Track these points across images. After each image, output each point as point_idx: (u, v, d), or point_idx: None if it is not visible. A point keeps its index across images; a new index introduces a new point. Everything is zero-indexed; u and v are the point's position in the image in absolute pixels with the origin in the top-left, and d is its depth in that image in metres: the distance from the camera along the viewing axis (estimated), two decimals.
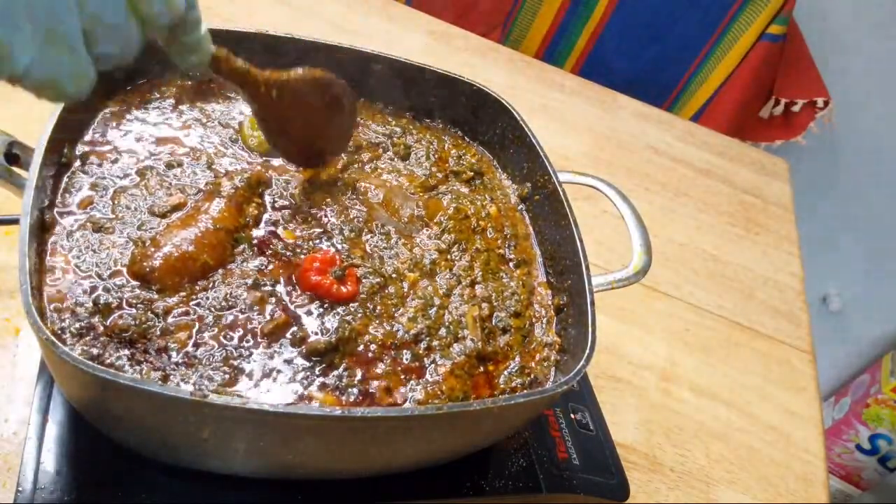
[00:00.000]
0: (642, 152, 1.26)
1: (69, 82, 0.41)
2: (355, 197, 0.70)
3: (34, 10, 0.37)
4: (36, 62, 0.39)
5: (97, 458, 0.56)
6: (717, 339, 0.98)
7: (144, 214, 0.60)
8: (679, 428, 0.85)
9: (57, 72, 0.40)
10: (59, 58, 0.40)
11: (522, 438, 0.68)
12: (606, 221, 1.06)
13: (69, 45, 0.40)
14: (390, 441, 0.51)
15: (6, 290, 0.70)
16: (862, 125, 1.71)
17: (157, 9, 0.45)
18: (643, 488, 0.77)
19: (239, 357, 0.54)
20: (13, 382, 0.64)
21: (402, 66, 0.78)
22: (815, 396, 0.96)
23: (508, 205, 0.77)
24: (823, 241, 1.80)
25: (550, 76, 1.34)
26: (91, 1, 0.40)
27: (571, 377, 0.54)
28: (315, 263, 0.60)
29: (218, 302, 0.56)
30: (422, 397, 0.57)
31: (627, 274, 0.69)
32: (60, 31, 0.39)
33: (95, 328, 0.52)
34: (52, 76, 0.40)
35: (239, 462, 0.52)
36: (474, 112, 0.80)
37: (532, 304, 0.69)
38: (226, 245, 0.60)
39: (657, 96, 1.55)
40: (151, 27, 0.45)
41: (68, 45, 0.40)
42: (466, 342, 0.62)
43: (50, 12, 0.38)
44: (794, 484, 0.84)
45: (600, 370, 0.87)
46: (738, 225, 1.19)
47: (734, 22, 1.46)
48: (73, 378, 0.46)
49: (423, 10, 1.36)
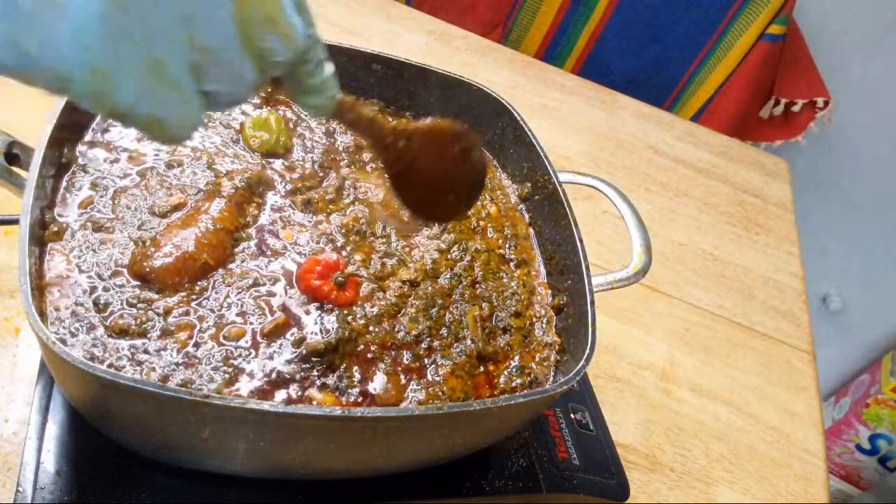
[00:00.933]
0: (642, 152, 1.26)
1: (173, 122, 0.38)
2: (356, 197, 0.70)
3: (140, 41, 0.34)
4: (139, 97, 0.36)
5: (97, 458, 0.56)
6: (717, 339, 0.98)
7: (145, 214, 0.60)
8: (679, 428, 0.85)
9: (161, 110, 0.37)
10: (164, 94, 0.37)
11: (522, 438, 0.68)
12: (606, 221, 1.06)
13: (174, 80, 0.37)
14: (390, 441, 0.51)
15: (6, 290, 0.70)
16: (862, 125, 1.71)
17: (272, 44, 0.40)
18: (643, 488, 0.77)
19: (239, 357, 0.54)
20: (13, 382, 0.64)
21: (402, 66, 0.78)
22: (815, 396, 0.95)
23: (508, 205, 0.77)
24: (824, 240, 1.80)
25: (550, 76, 1.34)
26: (201, 33, 0.37)
27: (571, 377, 0.54)
28: (318, 267, 0.60)
29: (218, 302, 0.56)
30: (422, 397, 0.57)
31: (627, 274, 0.69)
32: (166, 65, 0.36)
33: (95, 328, 0.52)
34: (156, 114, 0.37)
35: (239, 462, 0.52)
36: (474, 112, 0.80)
37: (532, 304, 0.69)
38: (226, 245, 0.60)
39: (657, 96, 1.55)
40: (267, 65, 0.41)
41: (173, 81, 0.37)
42: (467, 342, 0.62)
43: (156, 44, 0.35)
44: (794, 484, 0.84)
45: (600, 370, 0.87)
46: (738, 225, 1.19)
47: (734, 22, 1.46)
48: (73, 378, 0.46)
49: (423, 10, 1.36)
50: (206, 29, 0.36)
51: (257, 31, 0.39)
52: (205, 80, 0.38)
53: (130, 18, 0.33)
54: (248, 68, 0.40)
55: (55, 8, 0.31)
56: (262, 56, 0.40)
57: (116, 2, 0.32)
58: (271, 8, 0.39)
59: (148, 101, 0.36)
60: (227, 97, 0.41)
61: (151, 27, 0.34)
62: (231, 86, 0.40)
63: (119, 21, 0.33)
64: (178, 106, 0.38)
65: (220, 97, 0.40)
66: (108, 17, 0.32)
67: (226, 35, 0.38)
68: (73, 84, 0.34)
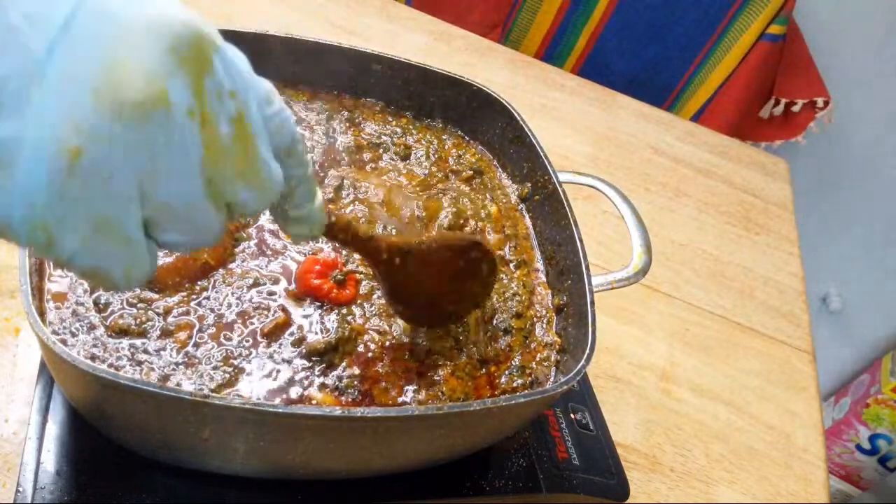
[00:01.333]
0: (642, 152, 1.26)
1: (119, 273, 0.35)
2: (356, 197, 0.70)
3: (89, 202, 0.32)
4: (82, 252, 0.33)
5: (97, 458, 0.56)
6: (717, 339, 0.98)
7: None
8: (679, 428, 0.85)
9: (106, 262, 0.34)
10: (111, 248, 0.34)
11: (522, 438, 0.68)
12: (606, 221, 1.06)
13: (124, 236, 0.34)
14: (390, 441, 0.51)
15: (6, 290, 0.70)
16: (862, 125, 1.71)
17: (243, 197, 0.37)
18: (643, 488, 0.77)
19: (239, 357, 0.54)
20: (13, 382, 0.64)
21: (402, 66, 0.78)
22: (815, 396, 0.95)
23: (508, 205, 0.77)
24: (823, 241, 1.80)
25: (550, 76, 1.34)
26: (162, 191, 0.34)
27: (571, 377, 0.54)
28: (316, 266, 0.60)
29: (218, 302, 0.56)
30: (422, 398, 0.57)
31: (627, 274, 0.69)
32: (116, 222, 0.33)
33: (95, 328, 0.52)
34: (99, 266, 0.34)
35: (239, 462, 0.52)
36: (474, 112, 0.80)
37: (533, 305, 0.69)
38: (226, 245, 0.60)
39: (657, 96, 1.55)
40: (236, 213, 0.38)
41: (123, 237, 0.34)
42: (469, 347, 0.62)
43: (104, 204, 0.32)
44: (794, 484, 0.84)
45: (600, 370, 0.87)
46: (738, 225, 1.19)
47: (734, 22, 1.46)
48: (73, 378, 0.46)
49: (423, 10, 1.36)
50: (168, 187, 0.34)
51: (227, 186, 0.36)
52: (162, 232, 0.36)
53: (79, 183, 0.31)
54: (214, 218, 0.37)
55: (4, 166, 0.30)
56: (230, 207, 0.37)
57: (68, 167, 0.30)
58: (243, 162, 0.36)
59: (91, 255, 0.33)
60: (186, 246, 0.38)
61: (102, 191, 0.32)
62: (193, 236, 0.37)
63: (67, 185, 0.31)
64: (124, 259, 0.35)
65: (178, 246, 0.37)
66: (56, 183, 0.31)
67: (191, 190, 0.35)
68: (14, 234, 0.32)
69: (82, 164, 0.31)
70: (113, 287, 0.36)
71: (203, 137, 0.34)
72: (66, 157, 0.30)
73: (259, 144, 0.37)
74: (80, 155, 0.30)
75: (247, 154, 0.36)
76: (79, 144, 0.30)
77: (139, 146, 0.32)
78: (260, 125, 0.37)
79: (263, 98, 0.37)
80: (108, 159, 0.31)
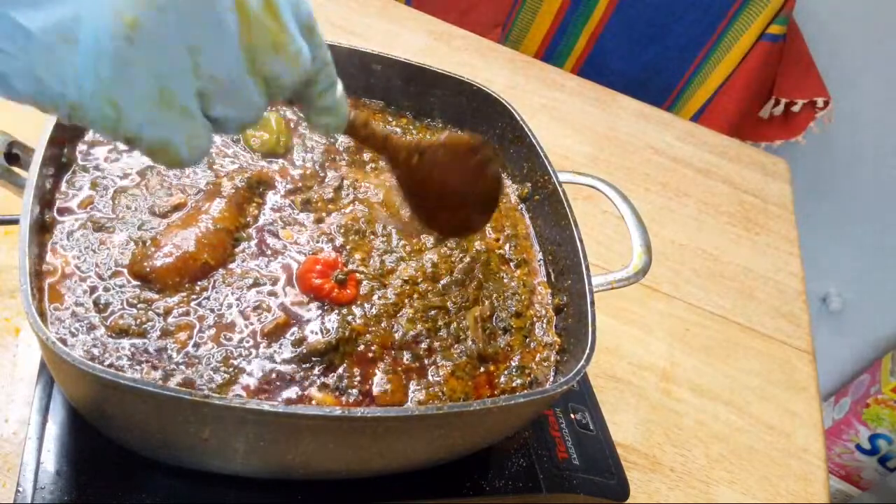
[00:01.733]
0: (642, 152, 1.26)
1: (183, 147, 0.39)
2: (356, 197, 0.70)
3: (149, 72, 0.35)
4: (149, 124, 0.37)
5: (97, 458, 0.56)
6: (717, 339, 0.98)
7: (145, 214, 0.60)
8: (679, 428, 0.85)
9: (170, 135, 0.38)
10: (173, 120, 0.37)
11: (522, 438, 0.68)
12: (606, 221, 1.06)
13: (183, 107, 0.38)
14: (390, 441, 0.51)
15: (6, 290, 0.70)
16: (862, 125, 1.71)
17: (279, 69, 0.41)
18: (643, 488, 0.77)
19: (239, 357, 0.54)
20: (13, 382, 0.64)
21: (402, 66, 0.78)
22: (815, 396, 0.95)
23: (508, 204, 0.77)
24: (824, 240, 1.80)
25: (550, 76, 1.34)
26: (209, 62, 0.37)
27: (571, 377, 0.54)
28: (317, 266, 0.60)
29: (218, 302, 0.56)
30: (422, 398, 0.57)
31: (627, 274, 0.69)
32: (175, 93, 0.37)
33: (95, 328, 0.52)
34: (166, 139, 0.38)
35: (239, 462, 0.52)
36: (474, 112, 0.80)
37: (533, 304, 0.69)
38: (226, 245, 0.60)
39: (657, 96, 1.55)
40: (274, 89, 0.42)
41: (182, 108, 0.38)
42: (468, 343, 0.62)
43: (165, 74, 0.36)
44: (794, 484, 0.84)
45: (600, 370, 0.87)
46: (738, 225, 1.19)
47: (734, 22, 1.46)
48: (73, 378, 0.46)
49: (423, 10, 1.36)
50: (213, 58, 0.37)
51: (263, 57, 0.39)
52: (213, 106, 0.39)
53: (140, 52, 0.34)
54: (256, 93, 0.41)
55: (69, 42, 0.33)
56: (268, 81, 0.41)
57: (128, 37, 0.33)
58: (277, 34, 0.40)
59: (157, 127, 0.37)
60: (235, 121, 0.41)
61: (160, 59, 0.35)
62: (239, 110, 0.41)
63: (129, 54, 0.34)
64: (186, 131, 0.38)
65: (228, 122, 0.41)
66: (120, 51, 0.34)
67: (233, 62, 0.38)
68: (85, 112, 0.35)
69: (140, 33, 0.34)
70: (178, 162, 0.39)
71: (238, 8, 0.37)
72: (125, 28, 0.33)
73: (285, 16, 0.40)
74: (136, 25, 0.33)
75: (277, 25, 0.39)
76: (135, 15, 0.33)
77: (187, 15, 0.35)
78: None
79: None
80: (162, 28, 0.34)
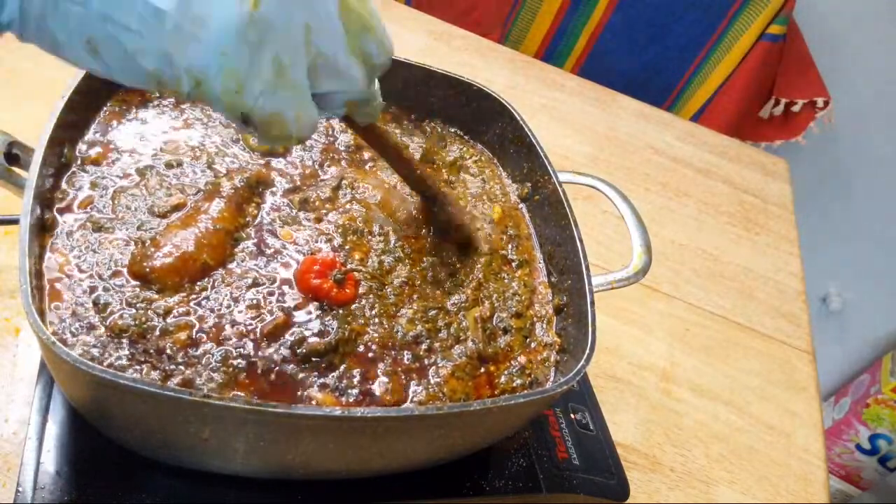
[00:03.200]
0: (642, 152, 1.26)
1: (292, 118, 0.42)
2: (353, 196, 0.70)
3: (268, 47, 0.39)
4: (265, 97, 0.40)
5: (97, 458, 0.56)
6: (717, 339, 0.98)
7: (144, 214, 0.60)
8: (679, 428, 0.85)
9: (283, 108, 0.41)
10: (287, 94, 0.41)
11: (522, 438, 0.68)
12: (606, 221, 1.06)
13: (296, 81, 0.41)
14: (390, 441, 0.51)
15: (6, 290, 0.70)
16: (862, 125, 1.71)
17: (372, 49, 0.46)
18: (643, 488, 0.77)
19: (239, 357, 0.54)
20: (13, 382, 0.64)
21: (402, 66, 0.78)
22: (815, 396, 0.95)
23: (509, 204, 0.77)
24: (823, 240, 1.79)
25: (550, 76, 1.34)
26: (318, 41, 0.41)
27: (571, 377, 0.54)
28: (315, 266, 0.60)
29: (218, 302, 0.56)
30: (423, 398, 0.57)
31: (627, 274, 0.69)
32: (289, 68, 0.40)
33: (95, 328, 0.52)
34: (279, 111, 0.41)
35: (239, 462, 0.52)
36: (474, 112, 0.80)
37: (533, 304, 0.68)
38: (226, 245, 0.60)
39: (657, 96, 1.55)
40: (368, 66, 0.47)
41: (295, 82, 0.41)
42: (468, 343, 0.62)
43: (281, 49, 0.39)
44: (794, 484, 0.84)
45: (600, 370, 0.87)
46: (738, 225, 1.19)
47: (734, 22, 1.46)
48: (73, 378, 0.46)
49: (423, 10, 1.36)
50: (322, 37, 0.42)
51: (361, 39, 0.45)
52: (320, 82, 0.44)
53: (261, 30, 0.38)
54: (356, 69, 0.46)
55: (197, 21, 0.37)
56: (365, 59, 0.46)
57: (251, 16, 0.37)
58: (369, 20, 0.45)
59: (273, 100, 0.41)
60: (340, 97, 0.46)
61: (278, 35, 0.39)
62: (343, 85, 0.46)
63: (251, 31, 0.38)
64: (298, 105, 0.42)
65: (334, 97, 0.46)
66: (243, 28, 0.38)
67: (338, 41, 0.43)
68: (209, 86, 0.39)
69: (261, 13, 0.38)
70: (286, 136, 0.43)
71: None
72: (248, 7, 0.37)
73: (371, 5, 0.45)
74: (258, 4, 0.38)
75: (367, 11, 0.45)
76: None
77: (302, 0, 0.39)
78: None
79: None
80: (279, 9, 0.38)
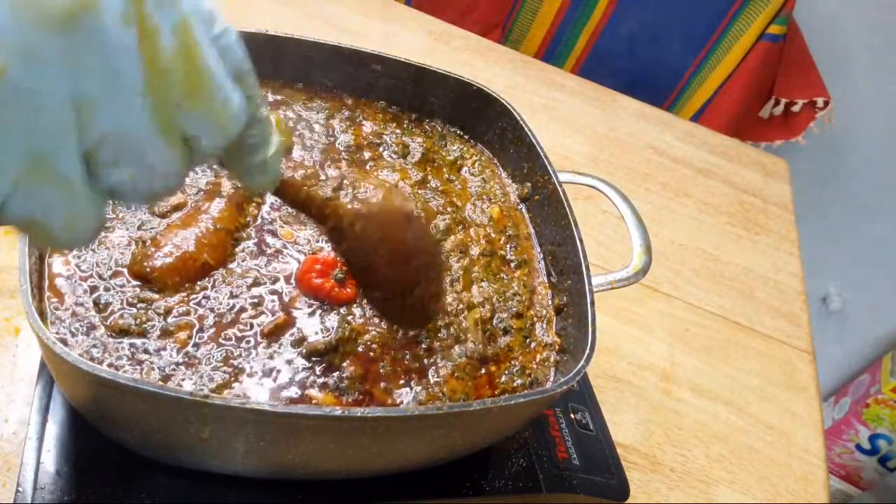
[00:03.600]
0: (642, 152, 1.26)
1: (59, 224, 0.30)
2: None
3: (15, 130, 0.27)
4: (15, 195, 0.28)
5: (97, 458, 0.56)
6: (717, 339, 0.98)
7: (145, 214, 0.60)
8: (679, 428, 0.85)
9: (43, 209, 0.29)
10: (48, 191, 0.29)
11: (522, 438, 0.68)
12: (606, 221, 1.06)
13: (62, 175, 0.29)
14: (390, 441, 0.51)
15: (6, 290, 0.70)
16: (862, 125, 1.71)
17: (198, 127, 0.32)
18: (643, 488, 0.77)
19: (239, 357, 0.54)
20: (13, 382, 0.64)
21: (402, 66, 0.78)
22: (815, 396, 0.95)
23: (508, 204, 0.77)
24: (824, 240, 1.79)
25: (550, 76, 1.34)
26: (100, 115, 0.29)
27: (571, 377, 0.54)
28: (317, 265, 0.60)
29: (218, 302, 0.56)
30: (423, 398, 0.57)
31: (627, 274, 0.69)
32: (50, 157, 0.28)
33: (96, 328, 0.52)
34: (37, 214, 0.29)
35: (239, 462, 0.52)
36: (474, 112, 0.80)
37: (533, 305, 0.68)
38: (226, 245, 0.60)
39: (657, 96, 1.55)
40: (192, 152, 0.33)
41: (61, 176, 0.29)
42: (468, 344, 0.62)
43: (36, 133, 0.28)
44: (794, 484, 0.84)
45: (600, 370, 0.87)
46: (738, 225, 1.19)
47: (734, 22, 1.46)
48: (73, 378, 0.46)
49: (423, 10, 1.36)
50: (106, 112, 0.29)
51: (177, 113, 0.30)
52: (107, 172, 0.30)
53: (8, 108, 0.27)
54: (169, 155, 0.31)
55: None
56: (184, 142, 0.32)
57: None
58: (195, 79, 0.31)
59: (26, 199, 0.28)
60: (139, 191, 0.32)
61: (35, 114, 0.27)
62: (143, 176, 0.31)
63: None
64: (65, 206, 0.30)
65: (130, 191, 0.31)
66: None
67: (134, 117, 0.29)
68: None
69: (7, 83, 0.26)
70: (53, 242, 0.31)
71: (143, 51, 0.29)
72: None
73: (210, 61, 0.31)
74: (3, 73, 0.26)
75: (197, 72, 0.30)
76: (2, 62, 0.26)
77: (68, 60, 0.27)
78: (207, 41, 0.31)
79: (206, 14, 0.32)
80: (35, 76, 0.27)
